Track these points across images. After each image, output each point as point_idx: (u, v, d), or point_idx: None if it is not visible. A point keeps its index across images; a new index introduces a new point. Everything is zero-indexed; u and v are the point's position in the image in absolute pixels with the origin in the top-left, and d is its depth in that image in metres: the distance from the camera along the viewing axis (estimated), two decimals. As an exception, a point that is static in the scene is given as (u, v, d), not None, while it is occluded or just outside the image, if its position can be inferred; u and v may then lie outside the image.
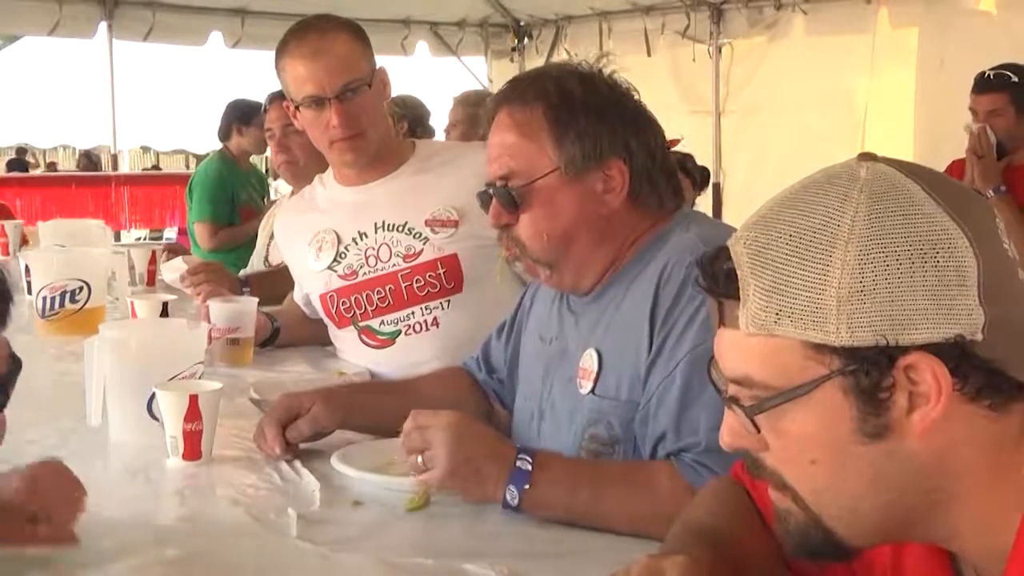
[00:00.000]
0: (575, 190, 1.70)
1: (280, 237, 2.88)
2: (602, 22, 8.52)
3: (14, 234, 4.36)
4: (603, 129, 1.70)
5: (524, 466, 1.56)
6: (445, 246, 2.50)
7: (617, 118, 1.72)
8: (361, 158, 2.54)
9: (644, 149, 1.73)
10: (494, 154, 1.75)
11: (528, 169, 1.71)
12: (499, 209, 1.74)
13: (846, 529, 0.99)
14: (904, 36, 6.92)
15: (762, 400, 0.98)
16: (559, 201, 1.71)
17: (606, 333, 1.72)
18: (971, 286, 0.92)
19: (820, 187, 0.99)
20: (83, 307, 2.89)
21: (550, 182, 1.70)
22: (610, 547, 1.47)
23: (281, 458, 1.82)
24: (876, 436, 0.94)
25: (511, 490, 1.55)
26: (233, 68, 11.37)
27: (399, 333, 2.53)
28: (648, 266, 1.69)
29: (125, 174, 10.87)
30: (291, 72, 2.49)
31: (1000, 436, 0.95)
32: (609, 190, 1.71)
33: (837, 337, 0.93)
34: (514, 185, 1.72)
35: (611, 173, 1.70)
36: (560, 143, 1.69)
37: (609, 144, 1.70)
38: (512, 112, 1.73)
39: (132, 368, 1.94)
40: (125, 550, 1.44)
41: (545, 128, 1.70)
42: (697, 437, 1.54)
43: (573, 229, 1.72)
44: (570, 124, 1.69)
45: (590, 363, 1.72)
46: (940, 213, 0.94)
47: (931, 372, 0.92)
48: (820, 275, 0.94)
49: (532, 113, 1.71)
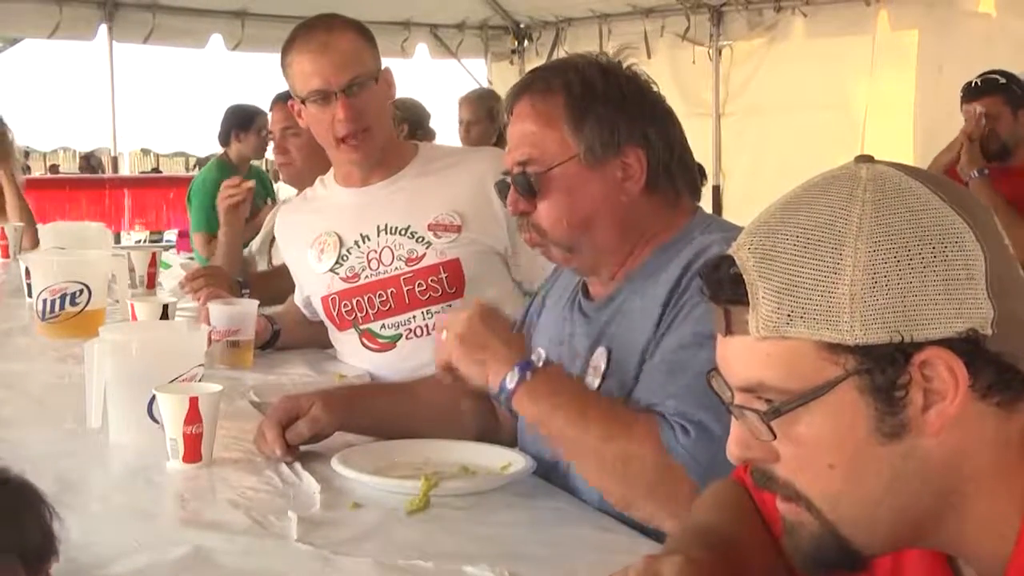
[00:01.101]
0: (594, 177, 1.72)
1: (281, 238, 2.88)
2: (602, 24, 8.53)
3: (14, 237, 4.36)
4: (622, 117, 1.71)
5: (534, 357, 1.63)
6: (447, 250, 2.50)
7: (636, 108, 1.74)
8: (367, 157, 2.54)
9: (662, 139, 1.74)
10: (514, 143, 1.77)
11: (547, 156, 1.72)
12: (516, 196, 1.75)
13: (862, 536, 0.98)
14: (904, 38, 6.92)
15: (778, 404, 0.96)
16: (578, 188, 1.72)
17: (618, 331, 1.73)
18: (980, 279, 0.92)
19: (822, 188, 0.98)
20: (83, 310, 2.89)
21: (569, 169, 1.71)
22: (610, 549, 1.47)
23: (281, 459, 1.82)
24: (893, 436, 0.94)
25: (513, 373, 1.61)
26: (233, 70, 11.37)
27: (400, 337, 2.53)
28: (670, 264, 1.70)
29: (122, 176, 10.86)
30: (297, 67, 2.49)
31: (1006, 437, 0.95)
32: (628, 178, 1.72)
33: (851, 335, 0.92)
34: (532, 171, 1.73)
35: (629, 161, 1.72)
36: (579, 130, 1.71)
37: (628, 132, 1.71)
38: (533, 101, 1.74)
39: (132, 370, 1.94)
40: (125, 552, 1.44)
41: (564, 116, 1.71)
42: (672, 401, 1.56)
43: (593, 215, 1.73)
44: (589, 112, 1.71)
45: (599, 361, 1.73)
46: (945, 207, 0.94)
47: (946, 367, 0.91)
48: (831, 273, 0.93)
49: (552, 101, 1.73)
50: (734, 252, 0.99)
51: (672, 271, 1.68)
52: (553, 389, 1.61)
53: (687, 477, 1.50)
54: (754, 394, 0.98)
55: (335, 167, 2.67)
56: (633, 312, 1.71)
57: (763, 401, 0.97)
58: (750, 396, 0.99)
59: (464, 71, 9.64)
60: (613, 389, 1.69)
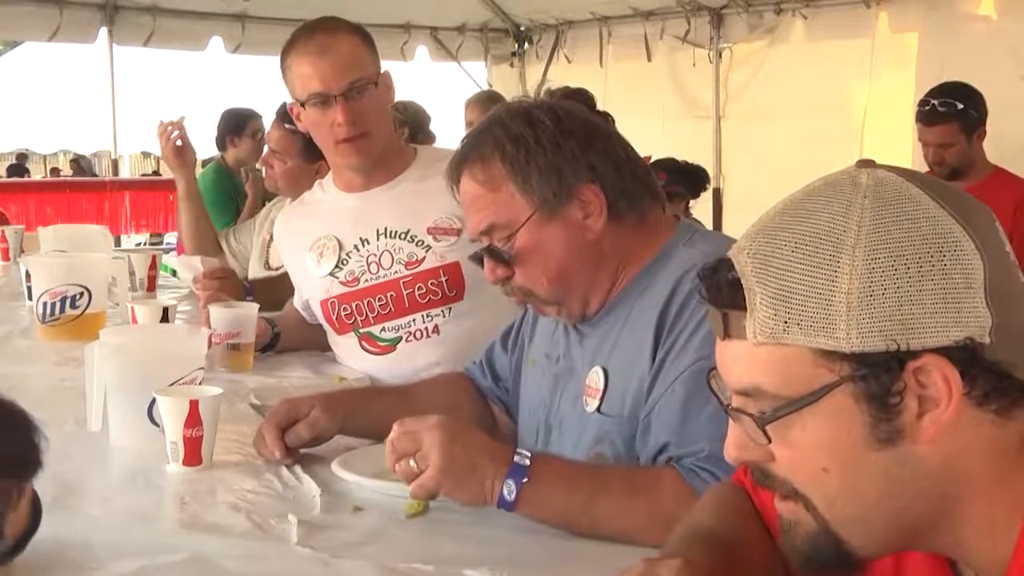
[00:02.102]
0: (557, 226, 1.71)
1: (280, 242, 2.88)
2: (602, 27, 8.53)
3: (14, 239, 4.36)
4: (563, 159, 1.70)
5: (522, 461, 1.53)
6: (447, 254, 2.50)
7: (573, 143, 1.71)
8: (366, 161, 2.54)
9: (609, 163, 1.72)
10: (470, 213, 1.76)
11: (507, 221, 1.72)
12: (494, 266, 1.75)
13: (858, 538, 0.98)
14: (904, 41, 6.92)
15: (772, 410, 0.97)
16: (546, 242, 1.71)
17: (612, 351, 1.72)
18: (978, 288, 0.92)
19: (822, 194, 0.98)
20: (83, 313, 2.89)
21: (532, 227, 1.71)
22: (609, 553, 1.47)
23: (280, 462, 1.82)
24: (887, 442, 0.94)
25: (509, 484, 1.51)
26: (233, 73, 11.37)
27: (400, 340, 2.53)
28: (655, 281, 1.69)
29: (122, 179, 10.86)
30: (297, 70, 2.49)
31: (1004, 442, 0.95)
32: (589, 214, 1.71)
33: (847, 344, 0.92)
34: (499, 239, 1.72)
35: (586, 198, 1.70)
36: (527, 186, 1.70)
37: (573, 171, 1.70)
38: (473, 172, 1.74)
39: (132, 373, 1.94)
40: (125, 555, 1.44)
41: (508, 178, 1.70)
42: (700, 444, 1.53)
43: (567, 264, 1.72)
44: (529, 166, 1.69)
45: (596, 381, 1.72)
46: (945, 215, 0.94)
47: (941, 375, 0.92)
48: (828, 281, 0.93)
49: (492, 167, 1.72)
50: (734, 256, 0.99)
51: (660, 290, 1.67)
52: (553, 482, 1.53)
53: None
54: (750, 398, 0.99)
55: (333, 171, 2.67)
56: (624, 334, 1.71)
57: (759, 405, 0.98)
58: (747, 399, 0.99)
59: (464, 74, 9.64)
60: (615, 406, 1.68)
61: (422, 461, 1.53)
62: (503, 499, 1.52)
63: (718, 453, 1.48)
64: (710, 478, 1.49)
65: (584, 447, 1.72)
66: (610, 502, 1.53)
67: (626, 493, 1.54)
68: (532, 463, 1.53)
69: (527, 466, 1.52)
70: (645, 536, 1.46)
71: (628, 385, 1.67)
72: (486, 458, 1.53)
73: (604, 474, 1.60)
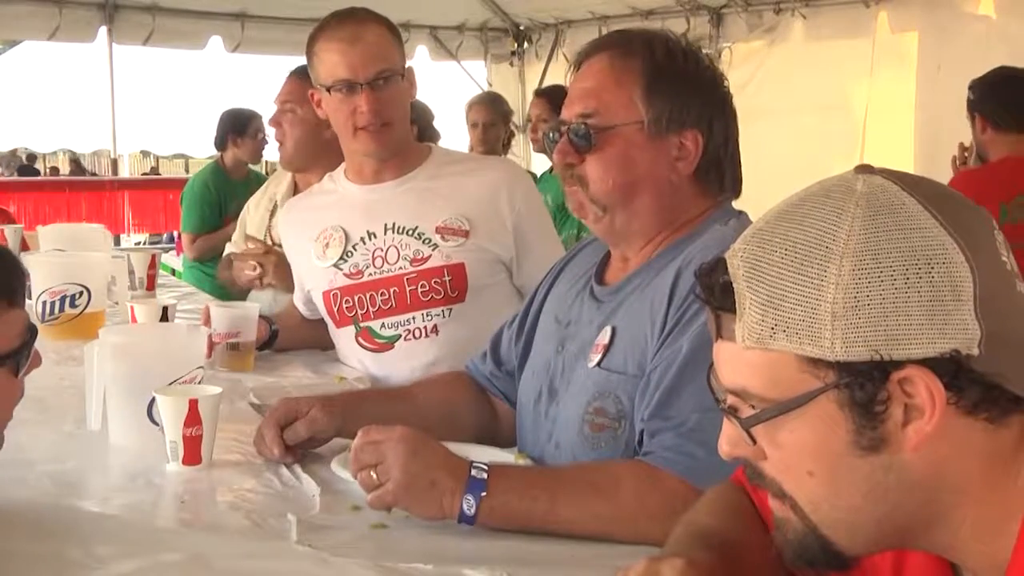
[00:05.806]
0: (651, 147, 1.72)
1: (284, 231, 2.86)
2: (601, 26, 8.52)
3: (14, 238, 4.36)
4: (694, 98, 1.73)
5: (479, 475, 1.53)
6: (453, 254, 2.50)
7: (708, 94, 1.75)
8: (384, 150, 2.55)
9: (722, 132, 1.76)
10: (578, 94, 1.76)
11: (612, 114, 1.72)
12: (567, 147, 1.75)
13: (843, 539, 0.99)
14: (903, 40, 6.92)
15: (758, 412, 0.98)
16: (633, 152, 1.73)
17: (625, 313, 1.73)
18: (967, 300, 0.92)
19: (817, 200, 0.98)
20: (83, 312, 2.89)
21: (630, 132, 1.72)
22: (609, 553, 1.47)
23: (279, 460, 1.82)
24: (872, 449, 0.95)
25: (468, 499, 1.51)
26: (233, 72, 11.39)
27: (399, 338, 2.53)
28: (680, 253, 1.71)
29: (121, 179, 10.88)
30: (324, 55, 2.50)
31: (997, 448, 0.95)
32: (681, 158, 1.73)
33: (832, 352, 0.93)
34: (593, 124, 1.73)
35: (687, 142, 1.73)
36: (650, 98, 1.71)
37: (695, 115, 1.73)
38: (613, 57, 1.75)
39: (132, 372, 1.94)
40: (125, 554, 1.44)
41: (639, 81, 1.72)
42: (681, 417, 1.55)
43: (638, 182, 1.73)
44: (664, 83, 1.72)
45: (603, 338, 1.73)
46: (936, 226, 0.94)
47: (925, 386, 0.92)
48: (815, 290, 0.94)
49: (631, 64, 1.73)
50: (728, 258, 1.00)
51: (677, 264, 1.68)
52: (512, 493, 1.53)
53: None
54: (740, 398, 1.00)
55: (348, 160, 2.67)
56: (639, 297, 1.72)
57: (748, 406, 0.99)
58: (737, 400, 1.01)
59: (464, 73, 9.65)
60: (618, 362, 1.69)
61: (383, 474, 1.54)
62: (464, 514, 1.52)
63: (698, 427, 1.49)
64: (684, 458, 1.51)
65: (582, 403, 1.72)
66: (571, 507, 1.53)
67: (587, 495, 1.54)
68: (489, 476, 1.53)
69: (485, 479, 1.53)
70: (612, 530, 1.50)
71: (635, 343, 1.68)
72: (444, 473, 1.54)
73: (563, 478, 1.59)
